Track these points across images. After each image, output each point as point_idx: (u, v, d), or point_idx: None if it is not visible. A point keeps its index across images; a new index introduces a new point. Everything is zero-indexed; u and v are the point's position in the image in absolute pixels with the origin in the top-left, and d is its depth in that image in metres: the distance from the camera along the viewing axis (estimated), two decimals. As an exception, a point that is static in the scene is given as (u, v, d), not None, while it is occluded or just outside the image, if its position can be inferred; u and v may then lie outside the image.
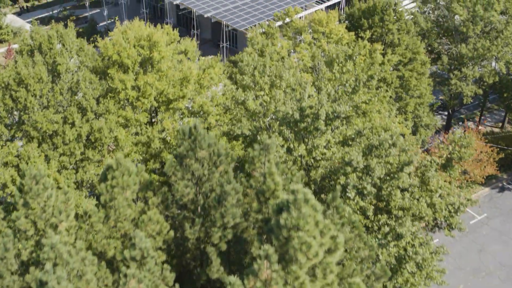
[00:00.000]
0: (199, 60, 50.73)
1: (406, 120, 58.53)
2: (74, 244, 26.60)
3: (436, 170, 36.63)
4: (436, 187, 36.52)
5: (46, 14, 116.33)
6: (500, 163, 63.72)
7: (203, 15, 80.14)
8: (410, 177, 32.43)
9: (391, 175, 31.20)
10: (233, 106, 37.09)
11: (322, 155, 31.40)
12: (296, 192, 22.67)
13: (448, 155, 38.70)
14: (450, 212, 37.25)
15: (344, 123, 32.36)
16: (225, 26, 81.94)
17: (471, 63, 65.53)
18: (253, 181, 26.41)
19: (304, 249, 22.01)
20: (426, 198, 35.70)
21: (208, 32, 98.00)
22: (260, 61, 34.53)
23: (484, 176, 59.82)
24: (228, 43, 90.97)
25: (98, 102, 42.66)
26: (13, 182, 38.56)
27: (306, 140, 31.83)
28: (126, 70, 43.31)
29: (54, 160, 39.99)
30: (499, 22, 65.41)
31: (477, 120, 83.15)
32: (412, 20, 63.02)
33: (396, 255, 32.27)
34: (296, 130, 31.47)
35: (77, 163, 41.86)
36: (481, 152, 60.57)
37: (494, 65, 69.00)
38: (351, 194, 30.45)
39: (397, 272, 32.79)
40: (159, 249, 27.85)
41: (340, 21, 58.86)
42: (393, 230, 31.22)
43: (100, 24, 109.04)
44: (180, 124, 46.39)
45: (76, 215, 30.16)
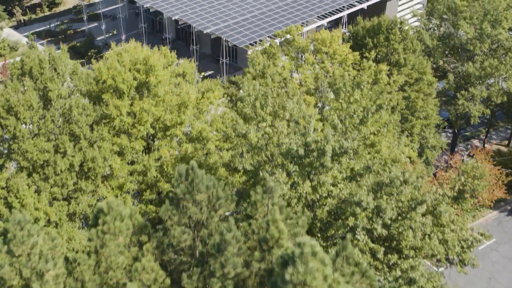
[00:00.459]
0: (198, 82, 48.80)
1: (412, 142, 56.54)
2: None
3: (448, 203, 34.63)
4: (448, 221, 34.53)
5: (43, 27, 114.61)
6: (509, 185, 61.77)
7: (203, 31, 78.33)
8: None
9: (403, 214, 29.26)
10: (233, 135, 35.15)
11: (329, 192, 29.46)
12: (303, 245, 20.67)
13: (460, 187, 36.67)
14: (462, 247, 35.21)
15: (351, 155, 30.43)
16: (225, 42, 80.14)
17: (478, 82, 63.62)
18: (255, 226, 24.39)
19: (312, 307, 20.02)
20: (438, 233, 33.69)
21: (207, 47, 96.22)
22: (262, 90, 32.61)
23: (493, 200, 57.84)
24: (228, 59, 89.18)
25: (92, 129, 40.68)
26: (0, 217, 36.56)
27: (311, 176, 29.89)
28: (121, 95, 41.35)
29: (45, 192, 37.95)
30: (506, 40, 63.59)
31: (483, 137, 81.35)
32: (416, 36, 61.09)
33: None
34: (300, 165, 29.51)
35: (69, 194, 39.82)
36: (490, 175, 58.58)
37: (501, 83, 67.12)
38: (360, 236, 28.49)
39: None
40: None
41: (343, 39, 57.00)
42: (405, 273, 29.22)
43: (98, 38, 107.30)
44: (178, 150, 44.43)
45: (66, 259, 28.14)
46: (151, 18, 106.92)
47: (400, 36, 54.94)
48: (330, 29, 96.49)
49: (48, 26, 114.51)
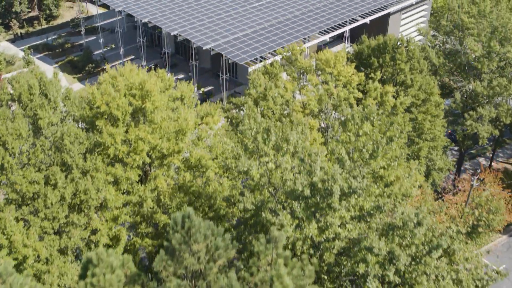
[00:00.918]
0: (196, 105, 46.77)
1: (419, 165, 54.44)
2: None
3: (462, 240, 32.48)
4: (462, 259, 32.38)
5: (41, 41, 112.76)
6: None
7: (202, 47, 76.40)
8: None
9: (417, 259, 27.21)
10: (234, 169, 33.05)
11: (336, 234, 27.40)
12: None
13: (475, 222, 34.53)
14: (477, 287, 33.04)
15: (361, 193, 28.38)
16: (225, 58, 78.18)
17: (486, 102, 61.59)
18: (258, 279, 22.27)
19: None
20: (452, 273, 31.54)
21: (207, 62, 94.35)
22: (263, 122, 30.56)
23: (503, 225, 55.70)
24: (228, 74, 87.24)
25: (85, 158, 38.59)
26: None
27: (317, 216, 27.83)
28: (116, 122, 39.28)
29: (34, 227, 35.82)
30: (515, 58, 61.67)
31: (489, 155, 79.30)
32: (422, 55, 59.07)
33: None
34: (306, 205, 27.46)
35: (61, 227, 37.68)
36: (499, 199, 56.49)
37: (510, 102, 65.10)
38: (371, 285, 26.39)
39: None
40: None
41: (348, 59, 54.99)
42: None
43: (96, 52, 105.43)
44: (176, 178, 42.33)
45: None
46: (149, 32, 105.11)
47: (406, 55, 52.92)
48: (332, 43, 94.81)
49: (45, 40, 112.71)
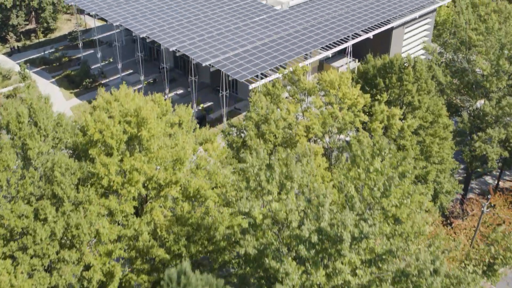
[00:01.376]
0: (195, 129, 44.76)
1: (426, 189, 52.26)
2: None
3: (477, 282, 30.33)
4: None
5: (38, 55, 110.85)
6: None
7: (201, 63, 74.40)
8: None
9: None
10: (234, 200, 31.09)
11: (345, 281, 25.31)
12: None
13: (491, 260, 32.44)
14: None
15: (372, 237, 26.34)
16: (225, 75, 76.21)
17: (495, 122, 59.53)
18: None
19: None
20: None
21: (207, 76, 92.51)
22: (266, 159, 28.55)
23: (515, 251, 53.44)
24: (228, 90, 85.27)
25: (77, 189, 36.52)
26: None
27: (325, 261, 25.78)
28: (110, 151, 37.22)
29: (23, 264, 33.67)
30: (524, 76, 59.71)
31: (495, 173, 77.25)
32: (429, 75, 57.07)
33: None
34: (313, 249, 25.40)
35: (51, 264, 35.52)
36: (510, 223, 54.43)
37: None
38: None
39: None
40: None
41: (352, 79, 52.94)
42: None
43: (93, 67, 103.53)
44: (173, 210, 40.22)
45: None
46: (148, 46, 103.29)
47: (413, 76, 50.92)
48: (334, 58, 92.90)
49: (42, 53, 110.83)
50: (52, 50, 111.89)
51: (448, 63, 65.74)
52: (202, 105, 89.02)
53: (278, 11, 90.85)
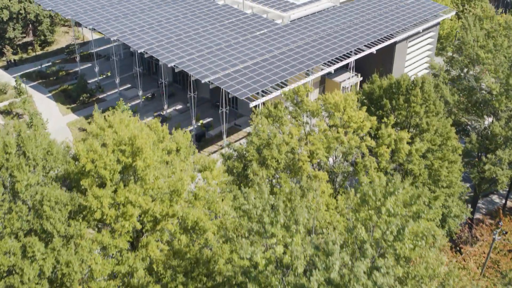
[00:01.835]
0: (194, 153, 42.64)
1: (435, 213, 50.05)
2: None
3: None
4: None
5: (35, 68, 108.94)
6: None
7: (201, 80, 72.34)
8: None
9: None
10: (235, 239, 28.98)
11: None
12: None
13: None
14: None
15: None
16: (225, 92, 74.20)
17: (504, 143, 57.41)
18: None
19: None
20: None
21: (206, 91, 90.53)
22: (271, 200, 26.49)
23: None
24: (228, 107, 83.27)
25: (68, 222, 34.38)
26: None
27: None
28: (103, 183, 35.08)
29: (8, 306, 31.53)
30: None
31: (502, 191, 75.10)
32: (438, 96, 55.05)
33: None
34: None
35: (39, 303, 33.33)
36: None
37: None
38: None
39: None
40: None
41: (358, 100, 50.76)
42: None
43: (91, 81, 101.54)
44: (171, 240, 38.00)
45: None
46: (147, 60, 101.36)
47: (421, 97, 48.82)
48: (336, 72, 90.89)
49: (39, 67, 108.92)
50: (49, 64, 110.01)
51: (455, 80, 63.69)
52: (201, 121, 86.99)
53: (279, 25, 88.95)
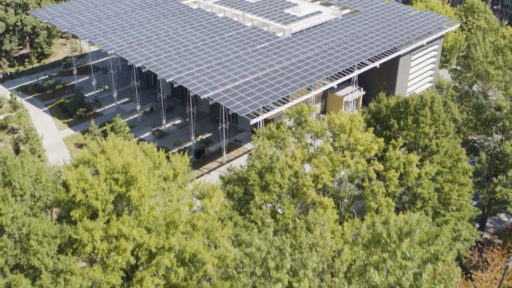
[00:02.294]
0: (192, 180, 40.40)
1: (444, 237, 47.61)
2: None
3: None
4: None
5: (31, 81, 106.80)
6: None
7: (200, 96, 70.16)
8: None
9: None
10: (236, 276, 26.78)
11: None
12: None
13: None
14: None
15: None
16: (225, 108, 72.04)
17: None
18: None
19: None
20: None
21: (206, 106, 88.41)
22: (276, 241, 24.25)
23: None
24: (228, 122, 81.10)
25: (58, 256, 32.09)
26: None
27: None
28: (95, 213, 32.82)
29: None
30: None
31: (510, 210, 72.73)
32: (448, 116, 52.85)
33: None
34: None
35: None
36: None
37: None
38: None
39: None
40: None
41: (364, 120, 48.48)
42: None
43: (88, 95, 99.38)
44: (167, 272, 35.68)
45: None
46: (145, 73, 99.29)
47: (431, 117, 46.61)
48: (339, 86, 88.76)
49: (36, 80, 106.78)
50: (46, 77, 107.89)
51: (462, 96, 61.56)
52: (201, 136, 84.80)
53: (280, 38, 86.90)
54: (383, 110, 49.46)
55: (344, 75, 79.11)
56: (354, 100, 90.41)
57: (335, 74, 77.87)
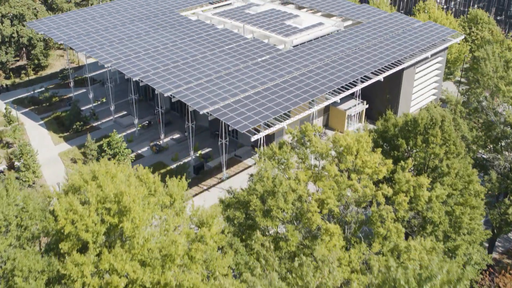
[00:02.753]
0: (191, 206, 38.09)
1: (455, 262, 45.31)
2: None
3: None
4: None
5: (27, 94, 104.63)
6: None
7: (199, 111, 67.94)
8: None
9: None
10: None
11: None
12: None
13: None
14: None
15: None
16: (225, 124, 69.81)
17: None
18: None
19: None
20: None
21: (205, 120, 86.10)
22: (278, 287, 22.03)
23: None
24: (228, 137, 78.87)
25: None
26: None
27: None
28: (85, 247, 30.52)
29: None
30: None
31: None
32: (458, 135, 50.61)
33: None
34: None
35: None
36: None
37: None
38: None
39: None
40: None
41: (372, 139, 46.17)
42: None
43: (85, 108, 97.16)
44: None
45: None
46: (143, 86, 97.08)
47: (441, 137, 44.38)
48: (341, 99, 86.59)
49: (32, 92, 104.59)
50: (42, 90, 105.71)
51: (471, 113, 59.37)
52: (200, 151, 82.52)
53: (281, 51, 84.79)
54: (391, 129, 47.23)
55: (347, 89, 76.95)
56: (357, 114, 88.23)
57: (338, 88, 75.69)
